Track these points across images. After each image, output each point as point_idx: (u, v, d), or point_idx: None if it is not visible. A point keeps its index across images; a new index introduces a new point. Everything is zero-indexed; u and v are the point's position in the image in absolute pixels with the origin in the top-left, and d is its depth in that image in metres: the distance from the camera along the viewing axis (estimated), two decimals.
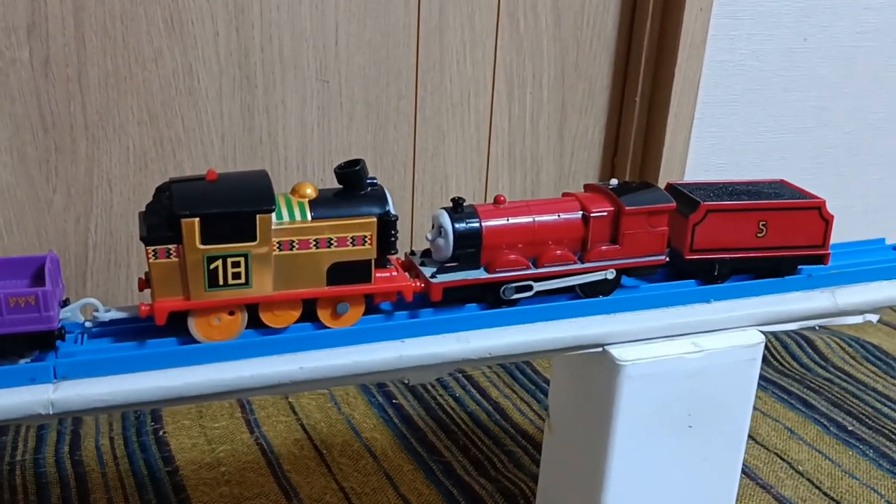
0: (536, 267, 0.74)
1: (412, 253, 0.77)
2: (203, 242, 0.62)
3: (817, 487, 1.05)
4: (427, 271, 0.73)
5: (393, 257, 0.74)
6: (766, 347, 1.36)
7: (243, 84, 1.08)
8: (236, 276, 0.64)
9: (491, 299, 0.75)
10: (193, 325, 0.65)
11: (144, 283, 0.67)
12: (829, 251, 0.83)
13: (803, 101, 1.34)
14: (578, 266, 0.75)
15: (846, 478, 1.06)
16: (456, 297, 0.74)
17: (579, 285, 0.77)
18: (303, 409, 1.14)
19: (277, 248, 0.65)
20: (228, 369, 0.65)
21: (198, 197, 0.63)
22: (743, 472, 1.06)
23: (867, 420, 1.18)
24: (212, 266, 0.63)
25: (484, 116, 1.22)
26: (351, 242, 0.66)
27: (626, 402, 0.73)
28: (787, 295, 0.80)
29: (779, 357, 1.34)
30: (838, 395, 1.24)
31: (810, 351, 1.36)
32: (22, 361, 0.62)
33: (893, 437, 1.15)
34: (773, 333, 1.27)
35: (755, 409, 1.20)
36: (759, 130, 1.33)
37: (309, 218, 0.66)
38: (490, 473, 1.03)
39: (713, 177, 1.33)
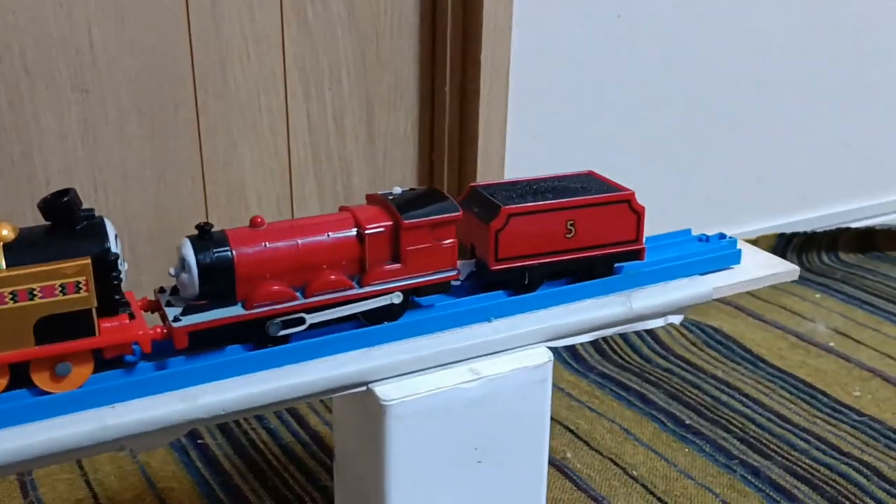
0: (306, 297, 0.64)
1: (161, 290, 0.66)
2: None
3: (651, 493, 0.99)
4: (172, 312, 0.62)
5: (137, 299, 0.63)
6: (606, 342, 1.31)
7: None
8: None
9: (257, 338, 0.64)
10: None
11: None
12: (644, 245, 0.76)
13: (627, 82, 1.28)
14: (357, 291, 0.65)
15: (681, 479, 1.01)
16: (217, 338, 0.63)
17: (362, 313, 0.67)
18: (91, 462, 1.01)
19: None
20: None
21: None
22: (574, 483, 0.99)
23: (705, 411, 1.14)
24: None
25: (279, 118, 1.10)
26: (61, 291, 0.56)
27: (397, 445, 0.64)
28: (577, 304, 0.72)
29: (618, 350, 1.28)
30: (677, 387, 1.19)
31: (650, 341, 1.31)
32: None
33: (731, 427, 1.10)
34: None
35: (592, 410, 1.14)
36: (581, 116, 1.26)
37: (3, 266, 0.55)
38: None
39: (537, 167, 1.25)
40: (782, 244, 1.59)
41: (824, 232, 1.62)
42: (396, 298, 0.67)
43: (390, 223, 0.66)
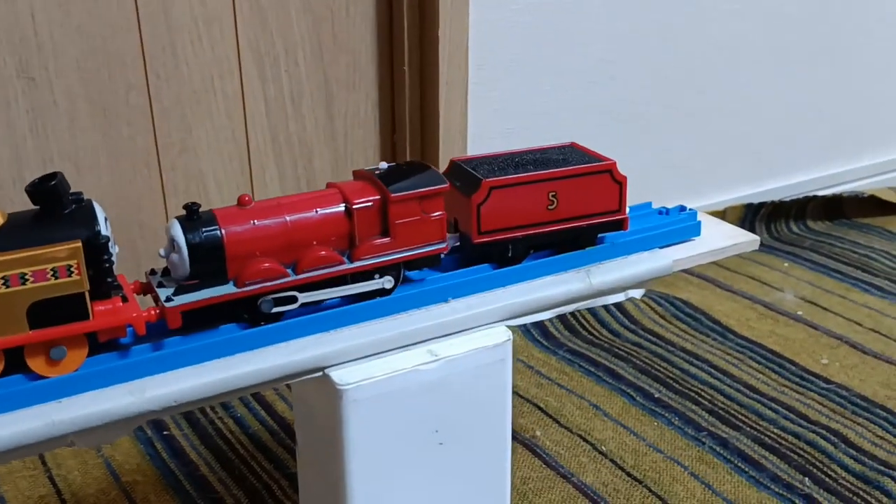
0: (297, 273, 0.64)
1: (152, 272, 0.65)
2: None
3: (620, 468, 0.99)
4: (164, 293, 0.61)
5: (129, 282, 0.63)
6: (575, 318, 1.30)
7: None
8: None
9: (251, 317, 0.64)
10: None
11: None
12: (627, 215, 0.76)
13: (587, 55, 1.27)
14: (347, 266, 0.65)
15: (651, 452, 1.01)
16: (210, 318, 0.63)
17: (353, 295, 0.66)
18: (55, 457, 0.99)
19: None
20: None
21: None
22: (543, 461, 0.99)
23: (674, 384, 1.14)
24: None
25: (235, 102, 1.08)
26: (52, 275, 0.56)
27: (355, 429, 0.63)
28: (536, 282, 0.71)
29: (588, 326, 1.28)
30: (646, 360, 1.19)
31: (620, 315, 1.31)
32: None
33: (699, 399, 1.10)
34: None
35: (562, 387, 1.14)
36: (545, 90, 1.25)
37: None
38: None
39: (502, 144, 1.24)
40: (750, 214, 1.59)
41: (792, 201, 1.62)
42: (388, 283, 0.67)
43: (378, 197, 0.66)
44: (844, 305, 1.35)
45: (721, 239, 0.79)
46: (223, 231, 0.62)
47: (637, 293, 0.75)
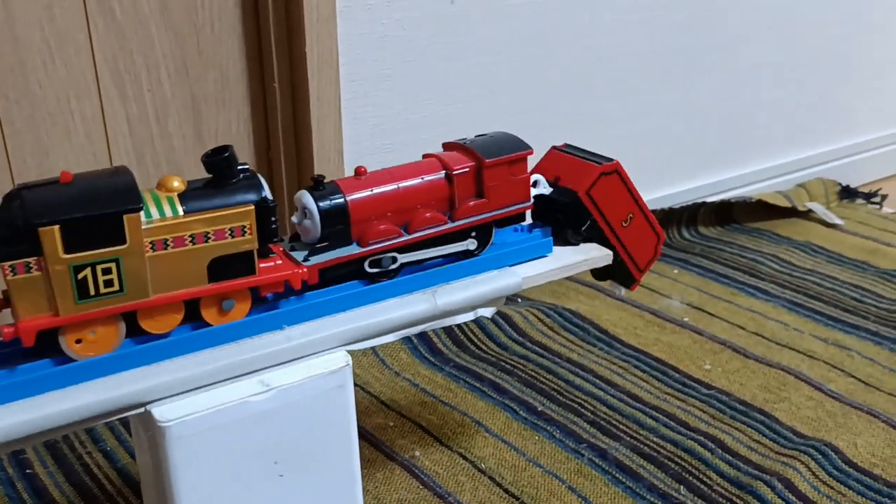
0: (409, 233, 0.72)
1: (280, 239, 0.70)
2: (67, 251, 0.57)
3: (498, 485, 0.97)
4: (298, 255, 0.69)
5: (275, 245, 0.69)
6: (463, 332, 1.29)
7: None
8: (108, 283, 0.59)
9: (369, 276, 0.72)
10: (65, 342, 0.59)
11: (3, 303, 0.62)
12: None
13: (465, 68, 1.26)
14: (451, 225, 0.74)
15: (530, 467, 1.00)
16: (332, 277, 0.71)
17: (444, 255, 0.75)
18: None
19: (150, 248, 0.60)
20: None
21: (54, 202, 0.57)
22: (421, 482, 0.97)
23: (558, 396, 1.13)
24: (80, 276, 0.58)
25: (95, 123, 1.04)
26: (230, 234, 0.63)
27: (183, 467, 0.60)
28: (379, 305, 0.70)
29: (476, 340, 1.27)
30: (532, 373, 1.18)
31: (508, 328, 1.30)
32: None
33: (582, 410, 1.10)
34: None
35: (445, 405, 1.12)
36: (421, 104, 1.24)
37: (181, 213, 0.61)
38: None
39: (381, 160, 1.22)
40: None
41: (683, 208, 1.64)
42: (472, 245, 0.76)
43: (473, 164, 0.75)
44: (730, 310, 1.37)
45: (573, 254, 0.79)
46: (347, 198, 0.70)
47: (487, 311, 0.74)
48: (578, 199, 0.79)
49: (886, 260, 1.55)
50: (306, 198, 0.69)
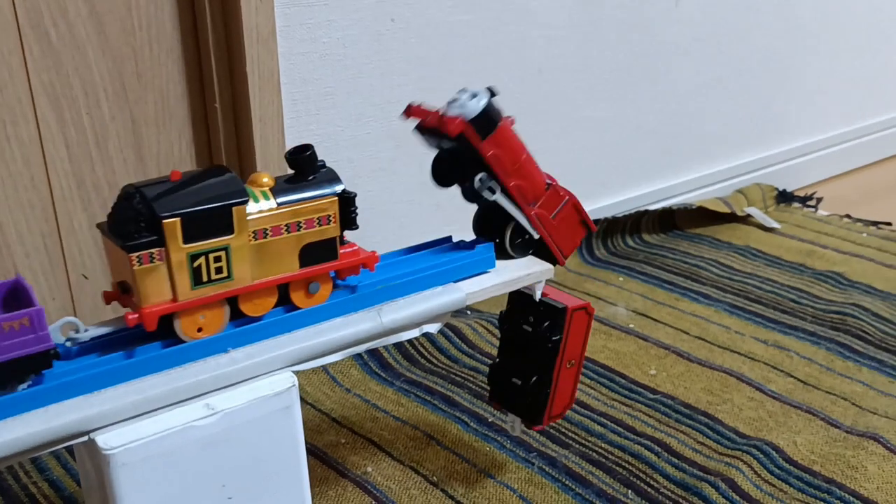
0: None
1: None
2: (185, 241, 0.63)
3: (451, 497, 0.98)
4: None
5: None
6: (413, 346, 1.30)
7: None
8: (219, 270, 0.65)
9: None
10: (180, 325, 0.65)
11: (114, 295, 0.66)
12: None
13: (405, 84, 1.28)
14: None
15: (482, 479, 1.01)
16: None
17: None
18: None
19: (253, 237, 0.66)
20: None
21: (174, 197, 0.63)
22: (374, 497, 0.98)
23: None
24: (195, 264, 0.64)
25: (33, 148, 1.03)
26: (318, 223, 0.69)
27: (128, 495, 0.60)
28: (324, 324, 0.70)
29: (426, 354, 1.28)
30: (483, 385, 1.20)
31: (458, 341, 1.31)
32: (21, 387, 0.60)
33: None
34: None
35: (396, 419, 1.13)
36: (364, 122, 1.25)
37: (275, 204, 0.68)
38: None
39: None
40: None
41: (626, 216, 1.68)
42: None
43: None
44: (674, 315, 1.40)
45: (516, 269, 0.80)
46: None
47: (433, 328, 0.75)
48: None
49: (822, 261, 1.60)
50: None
